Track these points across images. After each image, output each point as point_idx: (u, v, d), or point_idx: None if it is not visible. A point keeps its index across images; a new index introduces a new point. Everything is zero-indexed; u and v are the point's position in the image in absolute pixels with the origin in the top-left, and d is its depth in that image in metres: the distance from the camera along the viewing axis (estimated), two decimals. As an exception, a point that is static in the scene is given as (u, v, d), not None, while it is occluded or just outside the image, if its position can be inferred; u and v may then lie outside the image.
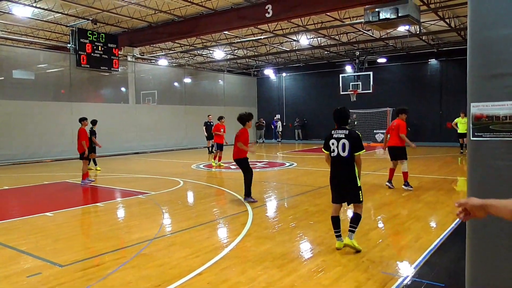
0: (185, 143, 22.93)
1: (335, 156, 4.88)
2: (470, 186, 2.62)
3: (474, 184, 2.57)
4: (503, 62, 2.32)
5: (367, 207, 7.31)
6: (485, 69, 2.44)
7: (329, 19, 17.01)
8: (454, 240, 5.26)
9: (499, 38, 2.32)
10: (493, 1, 2.34)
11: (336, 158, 4.88)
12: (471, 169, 2.57)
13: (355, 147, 4.77)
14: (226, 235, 5.76)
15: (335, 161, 4.91)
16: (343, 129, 4.91)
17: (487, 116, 2.38)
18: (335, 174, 4.94)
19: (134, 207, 7.86)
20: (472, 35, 2.48)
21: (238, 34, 19.79)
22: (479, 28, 2.43)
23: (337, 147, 4.85)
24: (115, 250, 4.98)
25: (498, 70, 2.36)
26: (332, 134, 4.94)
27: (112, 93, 21.82)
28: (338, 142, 4.85)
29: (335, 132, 4.94)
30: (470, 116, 2.51)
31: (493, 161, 2.38)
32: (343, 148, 4.80)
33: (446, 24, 17.24)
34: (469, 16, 2.49)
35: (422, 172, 11.46)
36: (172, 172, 12.39)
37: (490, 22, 2.35)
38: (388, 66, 24.34)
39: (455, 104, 22.25)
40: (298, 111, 27.73)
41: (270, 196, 8.83)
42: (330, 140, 4.93)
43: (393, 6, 12.56)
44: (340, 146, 4.82)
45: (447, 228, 5.73)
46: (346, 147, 4.78)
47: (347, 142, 4.78)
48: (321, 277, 4.02)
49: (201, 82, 26.17)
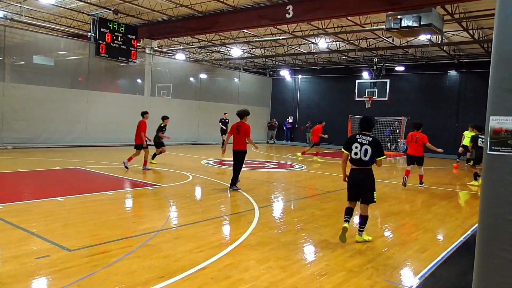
0: (197, 138, 23.03)
1: (357, 159, 5.31)
2: (483, 200, 2.58)
3: (488, 198, 2.53)
4: (526, 77, 2.28)
5: (374, 214, 7.26)
6: (507, 83, 2.40)
7: (349, 23, 16.90)
8: (461, 254, 5.19)
9: (524, 52, 2.28)
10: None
11: (357, 161, 5.31)
12: (486, 183, 2.53)
13: (377, 153, 5.24)
14: (231, 232, 5.77)
15: (356, 163, 5.34)
16: (367, 136, 5.34)
17: (506, 131, 2.34)
18: (355, 176, 5.35)
19: (142, 198, 7.93)
20: (497, 47, 2.44)
21: (257, 33, 19.80)
22: (505, 41, 2.39)
23: (360, 151, 5.28)
24: (121, 239, 5.03)
25: (520, 85, 2.32)
26: (357, 138, 5.36)
27: (128, 84, 22.02)
28: (361, 147, 5.28)
29: (360, 137, 5.36)
30: (488, 129, 2.47)
31: (509, 176, 2.34)
32: (365, 153, 5.24)
33: (469, 35, 16.99)
34: (496, 27, 2.45)
35: (433, 184, 11.32)
36: (182, 166, 12.46)
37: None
38: (406, 75, 24.09)
39: (473, 117, 21.90)
40: (311, 115, 27.61)
41: (277, 197, 8.82)
42: (353, 143, 5.35)
43: (416, 14, 12.41)
44: (363, 151, 5.26)
45: (455, 242, 5.66)
46: (368, 153, 5.23)
47: (370, 148, 5.23)
48: (323, 281, 4.00)
49: (216, 78, 26.25)
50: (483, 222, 2.57)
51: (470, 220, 7.03)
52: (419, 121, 10.94)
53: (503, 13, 2.43)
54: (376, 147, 5.23)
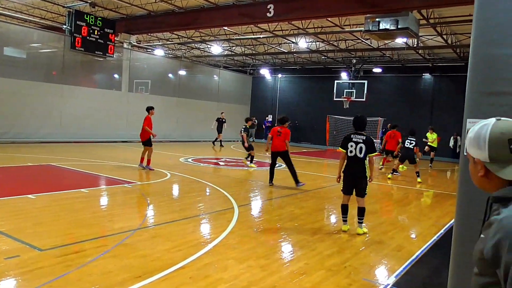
0: (175, 136, 22.77)
1: (352, 156, 5.79)
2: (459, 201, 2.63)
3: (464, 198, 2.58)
4: (503, 80, 2.33)
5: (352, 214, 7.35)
6: (484, 86, 2.45)
7: (329, 24, 17.04)
8: (434, 252, 5.32)
9: (501, 56, 2.33)
10: (499, 20, 2.35)
11: (353, 157, 5.79)
12: (462, 183, 2.59)
13: (370, 150, 5.78)
14: (210, 231, 5.72)
15: (351, 160, 5.81)
16: (361, 135, 5.85)
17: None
18: (351, 171, 5.82)
19: (118, 195, 7.77)
20: (474, 51, 2.49)
21: (237, 30, 19.73)
22: (483, 45, 2.44)
23: (355, 149, 5.77)
24: (96, 238, 4.91)
25: (496, 88, 2.37)
26: (352, 137, 5.85)
27: (105, 79, 21.54)
28: (356, 145, 5.78)
29: (354, 136, 5.85)
30: (465, 131, 2.52)
31: (484, 178, 2.39)
32: (360, 150, 5.75)
33: (443, 40, 17.42)
34: (474, 32, 2.50)
35: (408, 184, 11.56)
36: (160, 163, 12.28)
37: (494, 40, 2.37)
38: (383, 77, 24.52)
39: (445, 119, 22.55)
40: (290, 113, 27.68)
41: (257, 195, 8.81)
42: (349, 142, 5.84)
43: (394, 18, 12.64)
44: (358, 149, 5.76)
45: (429, 240, 5.79)
46: (363, 150, 5.75)
47: (364, 146, 5.75)
48: (303, 280, 4.01)
49: (196, 75, 26.03)
50: (459, 222, 2.62)
51: (443, 219, 7.20)
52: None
53: (481, 18, 2.48)
54: (370, 144, 5.77)
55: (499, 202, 1.16)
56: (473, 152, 1.24)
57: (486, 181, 1.23)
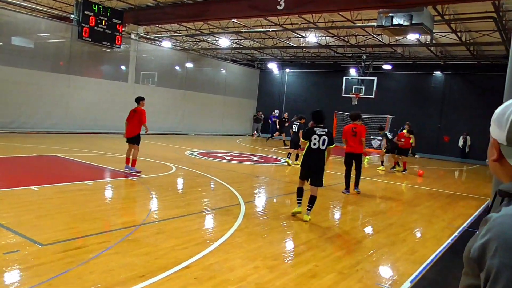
0: (180, 129, 22.63)
1: (316, 148, 6.10)
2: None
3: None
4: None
5: (362, 212, 7.16)
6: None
7: (340, 19, 16.72)
8: (450, 257, 5.11)
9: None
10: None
11: (315, 149, 6.10)
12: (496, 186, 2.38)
13: (330, 142, 6.19)
14: (216, 228, 5.54)
15: (313, 151, 6.11)
16: (323, 128, 6.19)
17: None
18: (311, 160, 6.13)
19: (123, 189, 7.63)
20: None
21: (246, 23, 19.46)
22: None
23: (319, 142, 6.09)
24: (99, 233, 4.75)
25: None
26: (315, 130, 6.14)
27: (112, 70, 21.39)
28: (320, 138, 6.09)
29: (318, 129, 6.15)
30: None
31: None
32: (323, 142, 6.11)
33: (457, 38, 17.04)
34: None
35: (418, 184, 11.32)
36: (165, 156, 12.14)
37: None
38: (393, 74, 24.14)
39: (455, 119, 22.21)
40: (297, 109, 27.46)
41: (263, 191, 8.63)
42: (313, 135, 6.11)
43: (408, 13, 12.32)
44: (321, 141, 6.09)
45: (443, 244, 5.58)
46: (325, 142, 6.12)
47: (327, 138, 6.11)
48: (313, 283, 3.83)
49: (203, 68, 25.80)
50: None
51: (456, 222, 6.98)
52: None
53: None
54: (330, 136, 6.20)
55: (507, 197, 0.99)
56: (493, 130, 1.07)
57: (498, 167, 1.06)
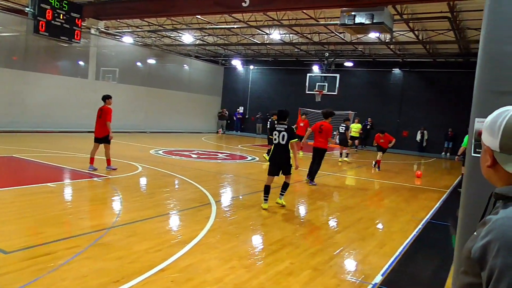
0: (144, 126, 22.14)
1: (277, 143, 6.67)
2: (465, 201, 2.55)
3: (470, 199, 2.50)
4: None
5: (331, 208, 7.32)
6: (493, 85, 2.36)
7: (304, 16, 16.94)
8: (417, 248, 5.33)
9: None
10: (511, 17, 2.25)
11: (277, 144, 6.67)
12: (469, 185, 2.50)
13: (291, 137, 6.61)
14: (189, 229, 5.47)
15: (276, 146, 6.70)
16: (283, 124, 6.72)
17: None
18: (275, 155, 6.71)
19: (88, 190, 7.38)
20: (485, 49, 2.39)
21: (210, 20, 19.29)
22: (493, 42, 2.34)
23: (278, 137, 6.64)
24: (68, 238, 4.57)
25: (507, 87, 2.29)
26: (276, 127, 6.73)
27: (71, 66, 20.56)
28: (279, 134, 6.63)
29: (278, 126, 6.73)
30: (473, 131, 2.43)
31: (492, 180, 2.31)
32: (283, 138, 6.63)
33: (414, 36, 17.72)
34: (484, 29, 2.40)
35: (381, 178, 11.71)
36: (130, 156, 11.84)
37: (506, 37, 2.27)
38: (354, 71, 24.77)
39: (413, 114, 23.13)
40: (262, 105, 27.61)
41: (233, 190, 8.63)
42: (273, 131, 6.73)
43: (369, 12, 12.66)
44: (281, 137, 6.63)
45: (409, 236, 5.81)
46: (285, 137, 6.62)
47: (286, 134, 6.60)
48: (290, 281, 3.88)
49: (166, 65, 25.34)
50: (464, 223, 2.54)
51: (419, 214, 7.28)
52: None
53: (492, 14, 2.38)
54: (290, 132, 6.62)
55: (501, 200, 1.07)
56: (486, 138, 1.15)
57: (492, 173, 1.14)
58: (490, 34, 2.36)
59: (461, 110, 20.73)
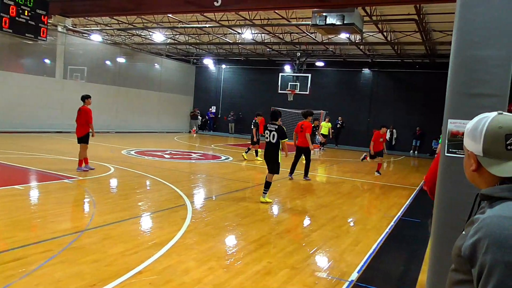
0: (114, 126, 21.67)
1: (268, 142, 7.23)
2: (439, 201, 2.65)
3: (444, 199, 2.61)
4: (485, 82, 2.36)
5: (306, 206, 7.42)
6: (465, 87, 2.47)
7: (276, 16, 17.06)
8: (390, 245, 5.48)
9: (483, 58, 2.36)
10: (482, 21, 2.36)
11: (268, 143, 7.23)
12: (441, 184, 2.61)
13: (282, 137, 7.10)
14: (165, 230, 5.41)
15: (267, 144, 7.24)
16: (274, 124, 7.23)
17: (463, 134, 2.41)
18: (266, 152, 7.30)
19: (59, 192, 7.15)
20: (456, 53, 2.49)
21: (182, 19, 19.10)
22: (464, 47, 2.45)
23: (269, 136, 7.17)
24: (39, 242, 4.43)
25: (478, 90, 2.40)
26: (267, 126, 7.30)
27: (37, 64, 19.87)
28: (270, 133, 7.17)
29: (269, 125, 7.28)
30: (446, 132, 2.53)
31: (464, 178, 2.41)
32: (273, 137, 7.14)
33: (383, 37, 18.18)
34: (455, 33, 2.50)
35: (353, 176, 11.95)
36: (101, 156, 11.57)
37: (476, 41, 2.38)
38: (326, 71, 25.16)
39: (382, 112, 23.73)
40: (234, 105, 27.61)
41: (208, 190, 8.59)
42: (265, 130, 7.32)
43: (340, 13, 12.90)
44: (271, 136, 7.15)
45: (383, 233, 5.96)
46: (275, 137, 7.12)
47: (276, 133, 7.11)
48: (269, 280, 3.91)
49: (136, 63, 24.90)
50: (439, 222, 2.64)
51: (391, 211, 7.49)
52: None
53: (463, 19, 2.49)
54: (280, 132, 7.09)
55: (487, 200, 1.14)
56: (468, 143, 1.21)
57: (477, 176, 1.20)
58: (461, 39, 2.46)
59: (428, 109, 21.52)
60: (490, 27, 2.33)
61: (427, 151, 22.02)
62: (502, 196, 1.09)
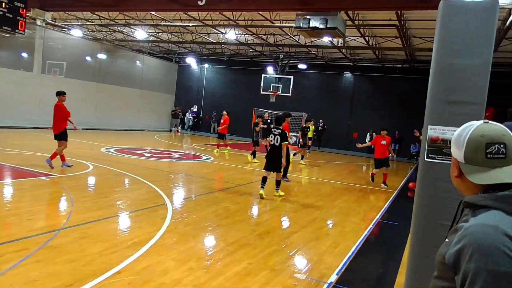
0: (93, 123, 21.27)
1: (272, 144, 8.08)
2: (417, 204, 2.72)
3: (422, 203, 2.67)
4: (463, 90, 2.44)
5: (286, 208, 7.47)
6: (445, 95, 2.54)
7: (260, 18, 17.09)
8: (369, 247, 5.57)
9: (462, 66, 2.43)
10: (461, 31, 2.44)
11: (272, 145, 8.08)
12: (421, 188, 2.67)
13: (283, 140, 8.00)
14: (144, 230, 5.35)
15: (272, 147, 8.07)
16: (278, 129, 8.15)
17: (442, 140, 2.48)
18: (270, 153, 8.10)
19: (36, 190, 6.99)
20: (437, 61, 2.56)
21: (165, 16, 18.93)
22: (444, 55, 2.52)
23: (274, 139, 8.07)
24: (14, 240, 4.32)
25: (457, 97, 2.47)
26: (272, 131, 8.26)
27: (14, 58, 19.39)
28: (274, 137, 8.07)
29: (274, 129, 8.24)
30: (426, 137, 2.60)
31: (442, 183, 2.49)
32: (277, 140, 8.03)
33: (365, 42, 18.45)
34: (436, 42, 2.57)
35: (333, 178, 12.08)
36: (80, 154, 11.34)
37: (456, 50, 2.45)
38: (308, 73, 25.35)
39: (363, 116, 24.06)
40: (216, 104, 27.50)
41: (188, 190, 8.54)
42: (270, 134, 8.26)
43: (324, 17, 13.04)
44: (276, 139, 8.04)
45: (361, 235, 6.05)
46: (278, 140, 8.02)
47: (279, 137, 8.01)
48: (249, 281, 3.92)
49: (117, 60, 24.54)
50: (417, 225, 2.70)
51: (370, 214, 7.62)
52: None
53: (443, 29, 2.56)
54: (283, 136, 8.00)
55: (469, 208, 1.16)
56: (453, 150, 1.25)
57: (460, 182, 1.23)
58: (442, 48, 2.54)
59: (406, 114, 21.92)
60: (469, 36, 2.41)
61: (405, 155, 22.43)
62: (485, 205, 1.11)
